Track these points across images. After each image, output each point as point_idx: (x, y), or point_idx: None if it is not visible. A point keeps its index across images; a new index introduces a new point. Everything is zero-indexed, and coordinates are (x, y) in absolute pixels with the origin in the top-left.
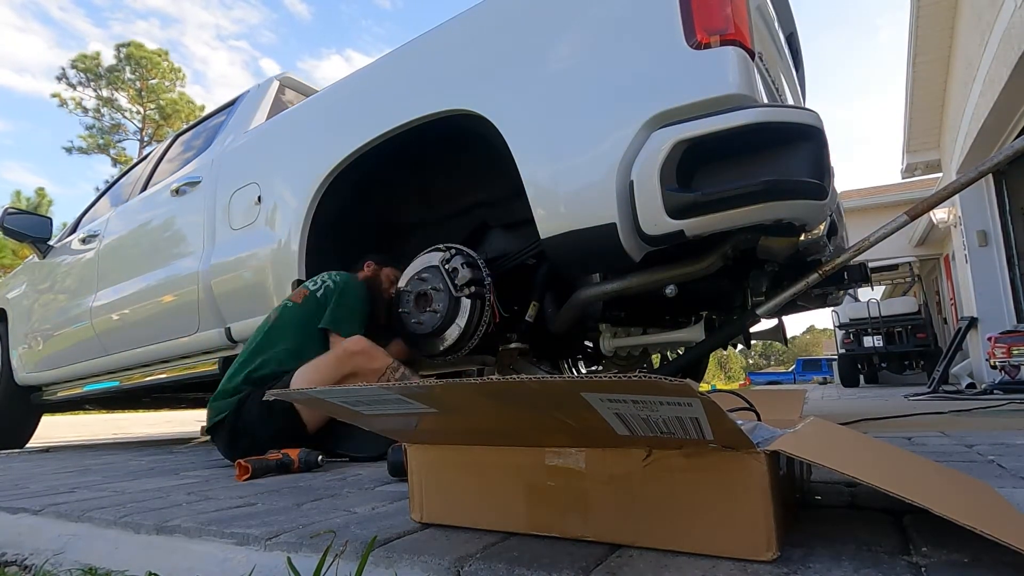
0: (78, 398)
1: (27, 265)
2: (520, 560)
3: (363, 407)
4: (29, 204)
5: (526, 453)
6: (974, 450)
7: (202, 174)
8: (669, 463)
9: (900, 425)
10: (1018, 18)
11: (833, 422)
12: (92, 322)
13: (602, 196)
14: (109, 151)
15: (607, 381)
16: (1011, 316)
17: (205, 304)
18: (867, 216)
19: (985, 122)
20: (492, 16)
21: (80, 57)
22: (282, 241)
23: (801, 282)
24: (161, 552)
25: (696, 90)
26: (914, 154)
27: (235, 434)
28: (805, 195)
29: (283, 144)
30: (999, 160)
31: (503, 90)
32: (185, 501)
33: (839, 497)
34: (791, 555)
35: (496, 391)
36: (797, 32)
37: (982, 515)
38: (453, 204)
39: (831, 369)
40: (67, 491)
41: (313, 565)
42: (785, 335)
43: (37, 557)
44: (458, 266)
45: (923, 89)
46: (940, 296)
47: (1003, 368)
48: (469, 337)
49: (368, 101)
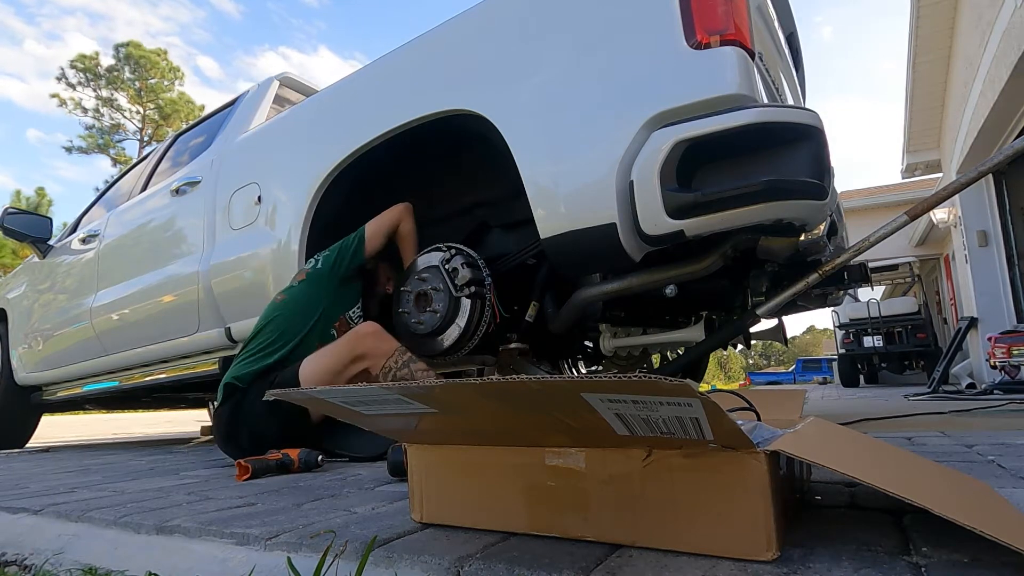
0: (78, 398)
1: (27, 265)
2: (520, 560)
3: (363, 407)
4: (29, 204)
5: (526, 453)
6: (974, 450)
7: (202, 174)
8: (669, 463)
9: (900, 425)
10: (1018, 18)
11: (833, 422)
12: (92, 322)
13: (602, 196)
14: (109, 151)
15: (607, 381)
16: (1011, 316)
17: (205, 304)
18: (867, 216)
19: (985, 122)
20: (492, 16)
21: (79, 57)
22: (282, 241)
23: (801, 282)
24: (161, 552)
25: (696, 90)
26: (914, 154)
27: (235, 426)
28: (805, 195)
29: (283, 144)
30: (999, 160)
31: (503, 90)
32: (185, 501)
33: (839, 497)
34: (791, 555)
35: (496, 391)
36: (797, 32)
37: (982, 515)
38: (453, 204)
39: (831, 369)
40: (67, 491)
41: (313, 565)
42: (785, 335)
43: (37, 557)
44: (458, 266)
45: (923, 89)
46: (940, 296)
47: (1003, 368)
48: (469, 337)
49: (368, 101)
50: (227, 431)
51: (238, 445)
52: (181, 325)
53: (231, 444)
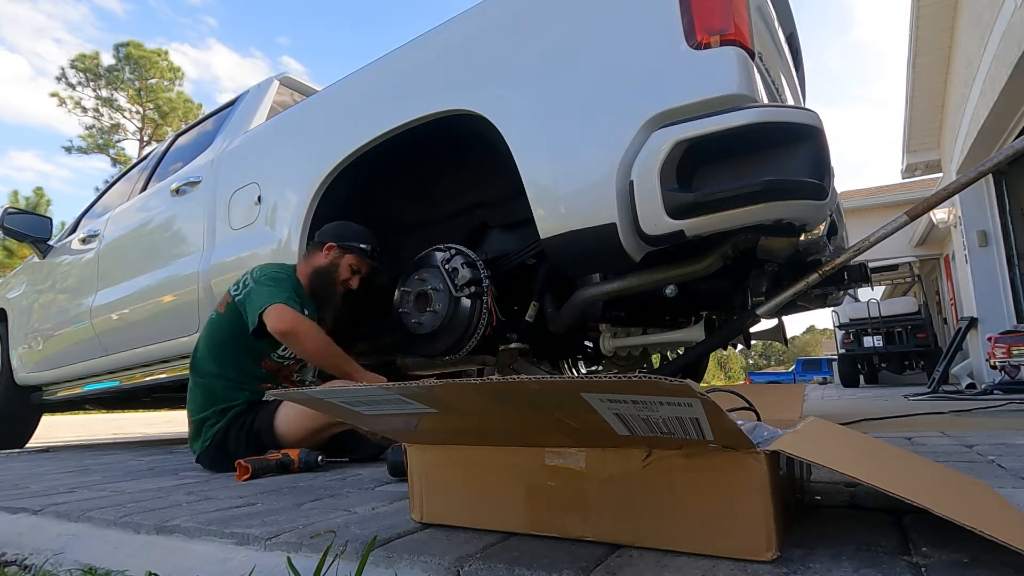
0: (78, 398)
1: (27, 265)
2: (520, 560)
3: (363, 407)
4: (28, 204)
5: (526, 453)
6: (974, 450)
7: (202, 174)
8: (669, 463)
9: (900, 425)
10: (1018, 18)
11: (833, 422)
12: (92, 322)
13: (602, 196)
14: (108, 151)
15: (607, 381)
16: (1011, 316)
17: (205, 304)
18: (867, 216)
19: (985, 122)
20: (492, 16)
21: (79, 57)
22: (282, 241)
23: (801, 282)
24: (161, 552)
25: (696, 90)
26: (914, 154)
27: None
28: (805, 195)
29: (283, 144)
30: (999, 160)
31: (503, 90)
32: (185, 501)
33: (839, 497)
34: (791, 555)
35: (496, 391)
36: (797, 32)
37: (982, 515)
38: (453, 204)
39: (831, 369)
40: (67, 491)
41: (313, 565)
42: (785, 335)
43: (37, 557)
44: (458, 266)
45: (923, 89)
46: (940, 296)
47: (1003, 368)
48: (469, 337)
49: (368, 101)
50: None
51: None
52: (181, 325)
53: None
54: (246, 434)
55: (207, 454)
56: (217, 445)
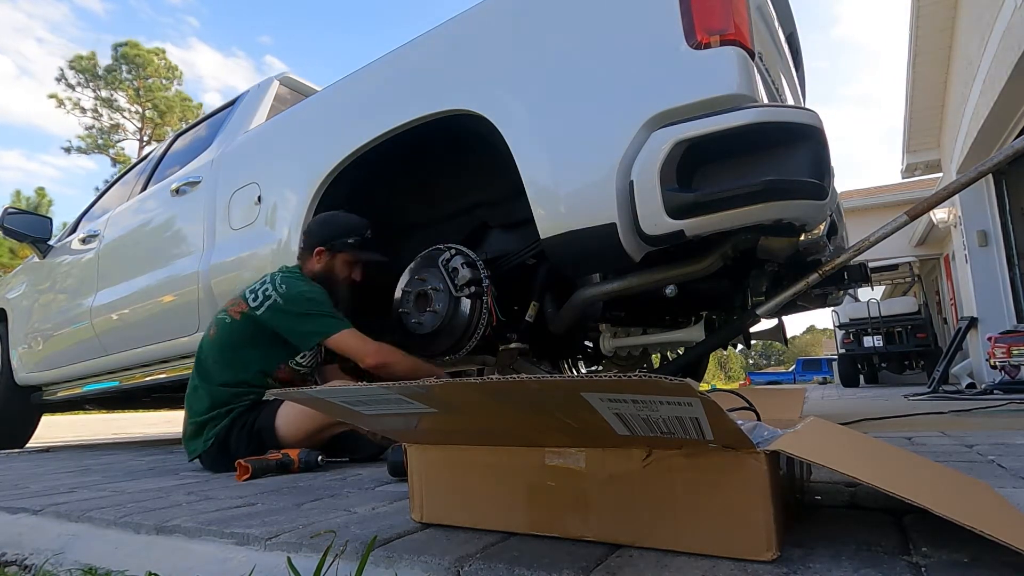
0: (78, 398)
1: (27, 265)
2: (520, 560)
3: (363, 407)
4: (29, 204)
5: (526, 453)
6: (974, 450)
7: (202, 174)
8: (669, 463)
9: (900, 425)
10: (1018, 18)
11: (833, 422)
12: (92, 322)
13: (602, 196)
14: (108, 151)
15: (607, 381)
16: (1011, 316)
17: (205, 304)
18: (867, 216)
19: (985, 122)
20: (492, 16)
21: (77, 58)
22: (282, 241)
23: (801, 282)
24: (161, 552)
25: (696, 90)
26: (914, 154)
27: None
28: (805, 195)
29: (283, 144)
30: (999, 160)
31: (503, 90)
32: (185, 501)
33: (839, 497)
34: (791, 555)
35: (496, 391)
36: (797, 32)
37: (982, 515)
38: (454, 204)
39: (831, 369)
40: (67, 491)
41: (313, 565)
42: (785, 335)
43: (37, 557)
44: (458, 266)
45: (923, 89)
46: (940, 296)
47: (1003, 368)
48: (469, 337)
49: (368, 101)
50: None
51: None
52: (181, 325)
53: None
54: (248, 433)
55: (209, 454)
56: (219, 444)
